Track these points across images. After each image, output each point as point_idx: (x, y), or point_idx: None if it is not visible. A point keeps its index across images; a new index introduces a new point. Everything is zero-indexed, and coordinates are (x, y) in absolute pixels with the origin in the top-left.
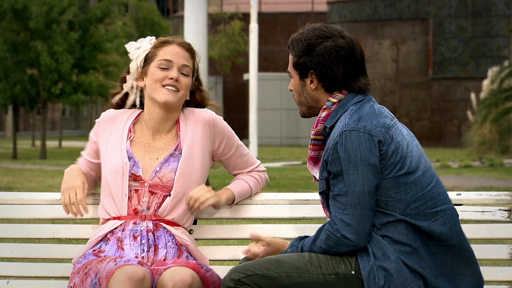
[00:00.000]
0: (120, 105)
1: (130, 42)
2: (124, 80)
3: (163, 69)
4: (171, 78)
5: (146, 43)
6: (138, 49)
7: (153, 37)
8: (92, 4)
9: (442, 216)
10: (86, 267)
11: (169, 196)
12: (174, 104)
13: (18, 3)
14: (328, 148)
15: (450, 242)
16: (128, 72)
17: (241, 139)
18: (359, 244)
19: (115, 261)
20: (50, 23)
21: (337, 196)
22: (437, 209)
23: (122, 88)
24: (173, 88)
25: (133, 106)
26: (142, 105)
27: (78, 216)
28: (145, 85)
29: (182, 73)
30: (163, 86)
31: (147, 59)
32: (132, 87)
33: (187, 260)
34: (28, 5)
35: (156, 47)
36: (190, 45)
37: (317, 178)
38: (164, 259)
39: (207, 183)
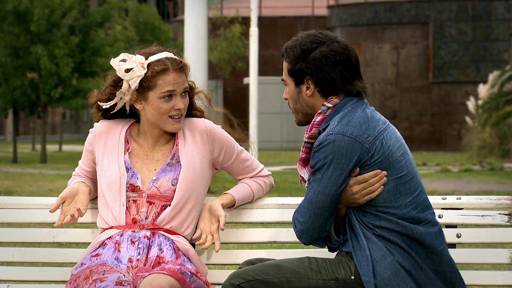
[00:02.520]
0: (108, 110)
1: (113, 59)
2: (113, 95)
3: (167, 99)
4: (178, 109)
5: (138, 67)
6: (128, 71)
7: (143, 58)
8: (93, 8)
9: (432, 218)
10: (75, 280)
11: (169, 206)
12: (180, 129)
13: (21, 5)
14: (313, 147)
15: (437, 248)
16: (116, 86)
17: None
18: (306, 237)
19: (95, 286)
20: (51, 26)
21: (307, 187)
22: (425, 213)
23: (108, 98)
24: (179, 116)
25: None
26: (131, 113)
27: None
28: (143, 108)
29: (182, 94)
30: (169, 116)
31: (144, 85)
32: (120, 98)
33: (172, 268)
34: (30, 8)
35: (154, 75)
36: (183, 62)
37: (305, 178)
38: (159, 262)
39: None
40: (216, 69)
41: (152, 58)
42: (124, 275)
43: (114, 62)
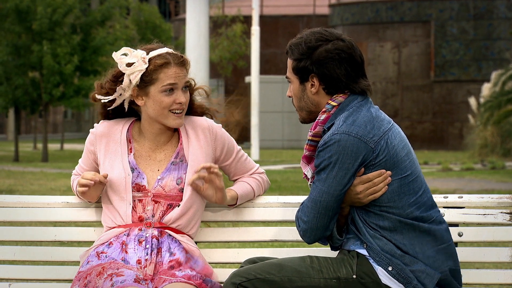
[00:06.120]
0: (108, 107)
1: (115, 53)
2: (113, 90)
3: (168, 92)
4: (179, 103)
5: (139, 61)
6: (129, 65)
7: (144, 53)
8: (94, 7)
9: (437, 217)
10: (86, 277)
11: (178, 206)
12: (182, 125)
13: (23, 3)
14: (318, 146)
15: (445, 244)
16: (116, 82)
17: (242, 142)
18: (309, 236)
19: (111, 279)
20: (53, 25)
21: (311, 187)
22: (429, 213)
23: (107, 92)
24: (180, 111)
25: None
26: (130, 110)
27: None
28: (144, 103)
29: (183, 89)
30: (170, 110)
31: (145, 80)
32: (120, 94)
33: (193, 276)
34: (32, 7)
35: (155, 69)
36: (183, 57)
37: (308, 176)
38: (172, 266)
39: None
40: (218, 68)
41: (154, 53)
42: (139, 275)
43: (116, 56)
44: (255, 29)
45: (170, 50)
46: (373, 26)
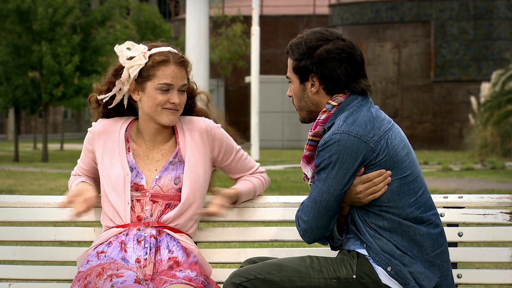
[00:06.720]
0: (107, 104)
1: (118, 46)
2: (113, 85)
3: (163, 91)
4: (173, 103)
5: (139, 56)
6: (130, 59)
7: (146, 48)
8: (94, 7)
9: (435, 219)
10: (86, 278)
11: (177, 206)
12: (175, 123)
13: (24, 4)
14: (318, 146)
15: (441, 248)
16: (116, 75)
17: (242, 142)
18: (309, 236)
19: (111, 280)
20: (53, 25)
21: (311, 187)
22: (428, 214)
23: (108, 88)
24: (174, 110)
25: (121, 104)
26: (128, 106)
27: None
28: (140, 99)
29: (180, 91)
30: (164, 108)
31: (143, 75)
32: (120, 89)
33: (194, 278)
34: (32, 7)
35: (154, 65)
36: (184, 58)
37: (308, 176)
38: (172, 266)
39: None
40: (218, 68)
41: (155, 50)
42: (139, 275)
43: (118, 48)
44: (255, 29)
45: (173, 50)
46: (373, 26)
